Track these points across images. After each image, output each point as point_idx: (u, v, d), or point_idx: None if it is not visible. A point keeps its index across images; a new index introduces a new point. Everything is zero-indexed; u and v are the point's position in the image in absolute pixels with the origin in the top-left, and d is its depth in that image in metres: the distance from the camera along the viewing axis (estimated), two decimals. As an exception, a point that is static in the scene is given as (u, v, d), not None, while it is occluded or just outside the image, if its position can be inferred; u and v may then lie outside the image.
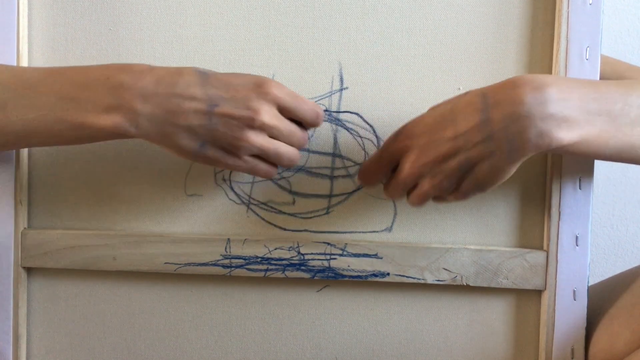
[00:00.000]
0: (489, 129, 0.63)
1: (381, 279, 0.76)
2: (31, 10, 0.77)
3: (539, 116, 0.62)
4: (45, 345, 0.80)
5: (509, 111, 0.63)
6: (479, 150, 0.64)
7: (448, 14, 0.75)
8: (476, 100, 0.64)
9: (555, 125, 0.63)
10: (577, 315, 0.74)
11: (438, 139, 0.65)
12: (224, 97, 0.66)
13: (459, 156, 0.65)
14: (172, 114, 0.66)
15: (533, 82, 0.63)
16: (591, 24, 0.73)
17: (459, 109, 0.65)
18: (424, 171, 0.66)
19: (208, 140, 0.66)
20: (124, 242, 0.77)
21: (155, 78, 0.66)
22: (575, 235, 0.74)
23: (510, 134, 0.63)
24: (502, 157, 0.64)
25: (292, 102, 0.68)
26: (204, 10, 0.76)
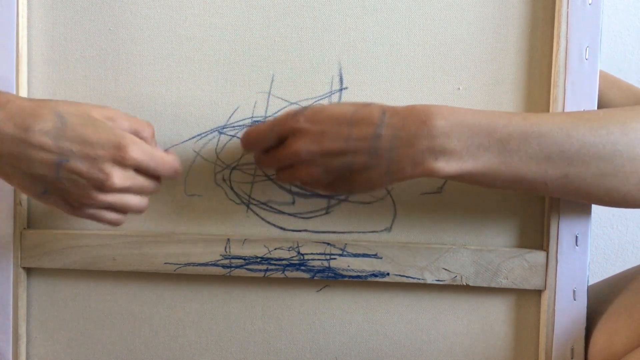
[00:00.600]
0: (377, 144, 0.65)
1: (381, 279, 0.76)
2: (30, 10, 0.77)
3: (419, 147, 0.64)
4: (44, 345, 0.80)
5: (396, 135, 0.65)
6: (362, 159, 0.65)
7: (448, 14, 0.75)
8: (376, 114, 0.66)
9: (432, 157, 0.65)
10: (577, 315, 0.74)
11: (333, 134, 0.66)
12: (76, 153, 0.63)
13: (344, 157, 0.66)
14: (18, 159, 0.63)
15: (423, 114, 0.65)
16: (591, 23, 0.73)
17: (360, 116, 0.66)
18: (308, 157, 0.67)
19: (52, 189, 0.65)
20: (124, 243, 0.77)
21: (10, 114, 0.63)
22: (575, 235, 0.74)
23: (392, 156, 0.65)
24: (379, 173, 0.66)
25: (150, 164, 0.67)
26: (203, 10, 0.76)
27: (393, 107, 0.67)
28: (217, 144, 0.77)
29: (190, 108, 0.77)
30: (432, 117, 0.65)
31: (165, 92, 0.77)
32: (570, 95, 0.73)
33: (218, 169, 0.77)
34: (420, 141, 0.64)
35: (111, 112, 0.67)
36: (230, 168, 0.77)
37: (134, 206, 0.68)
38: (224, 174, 0.77)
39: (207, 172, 0.77)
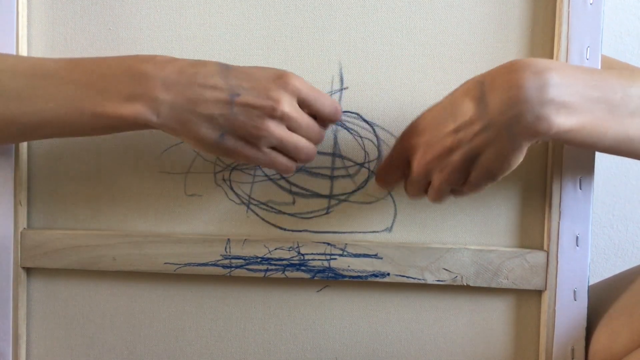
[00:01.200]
0: (487, 117, 0.63)
1: (381, 279, 0.76)
2: (30, 9, 0.77)
3: (537, 101, 0.61)
4: (44, 345, 0.80)
5: (506, 96, 0.62)
6: (480, 139, 0.63)
7: (448, 14, 0.75)
8: (473, 88, 0.64)
9: (554, 110, 0.61)
10: (578, 316, 0.74)
11: (440, 134, 0.65)
12: (245, 87, 0.66)
13: (462, 148, 0.64)
14: (194, 102, 0.66)
15: (533, 66, 0.62)
16: (592, 23, 0.72)
17: (457, 100, 0.65)
18: (431, 167, 0.66)
19: (228, 130, 0.66)
20: (124, 242, 0.77)
21: (177, 68, 0.66)
22: (576, 235, 0.74)
23: (508, 120, 0.62)
24: (503, 143, 0.63)
25: (312, 95, 0.68)
26: (203, 10, 0.76)
27: (490, 71, 0.65)
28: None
29: (191, 108, 0.77)
30: (546, 69, 0.62)
31: (166, 92, 0.77)
32: (571, 95, 0.73)
33: (218, 169, 0.77)
34: (538, 94, 0.61)
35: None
36: (230, 168, 0.77)
37: (303, 147, 0.69)
38: (224, 174, 0.77)
39: (207, 172, 0.77)
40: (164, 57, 0.67)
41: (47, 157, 0.78)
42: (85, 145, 0.77)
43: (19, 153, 0.76)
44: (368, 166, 0.76)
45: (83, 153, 0.78)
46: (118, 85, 0.66)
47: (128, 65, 0.67)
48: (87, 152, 0.77)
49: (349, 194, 0.77)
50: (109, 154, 0.77)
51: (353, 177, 0.77)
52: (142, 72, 0.66)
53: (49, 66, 0.68)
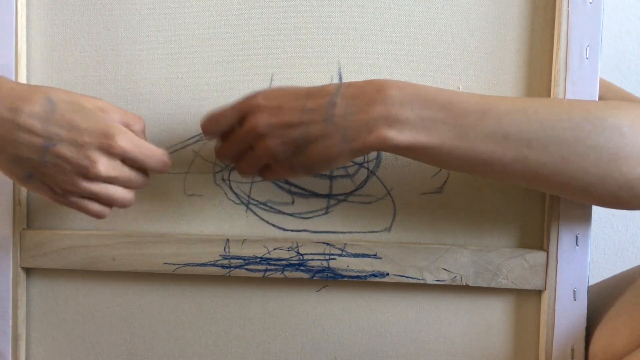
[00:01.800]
0: (331, 112, 0.66)
1: (380, 279, 0.76)
2: (29, 9, 0.77)
3: (373, 113, 0.65)
4: (44, 345, 0.80)
5: (351, 103, 0.65)
6: (318, 129, 0.66)
7: (447, 13, 0.75)
8: (332, 86, 0.67)
9: (386, 125, 0.65)
10: (577, 315, 0.74)
11: (289, 107, 0.67)
12: (63, 138, 0.64)
13: (300, 128, 0.66)
14: (4, 140, 0.63)
15: (378, 84, 0.66)
16: (591, 23, 0.72)
17: (316, 90, 0.67)
18: (266, 131, 0.67)
19: (36, 174, 0.65)
20: (123, 243, 0.77)
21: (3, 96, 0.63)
22: (576, 235, 0.74)
23: (347, 123, 0.65)
24: (335, 142, 0.66)
25: (137, 155, 0.67)
26: (202, 10, 0.76)
27: (350, 81, 0.68)
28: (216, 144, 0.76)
29: (190, 108, 0.77)
30: (386, 87, 0.65)
31: (165, 92, 0.77)
32: (571, 94, 0.73)
33: (217, 169, 0.77)
34: (374, 108, 0.65)
35: (103, 103, 0.67)
36: (229, 168, 0.77)
37: (118, 198, 0.68)
38: (224, 173, 0.77)
39: (206, 172, 0.77)
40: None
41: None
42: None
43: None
44: (367, 166, 0.76)
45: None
46: None
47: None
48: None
49: (348, 194, 0.77)
50: (108, 154, 0.77)
51: (352, 177, 0.76)
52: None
53: None
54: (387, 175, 0.76)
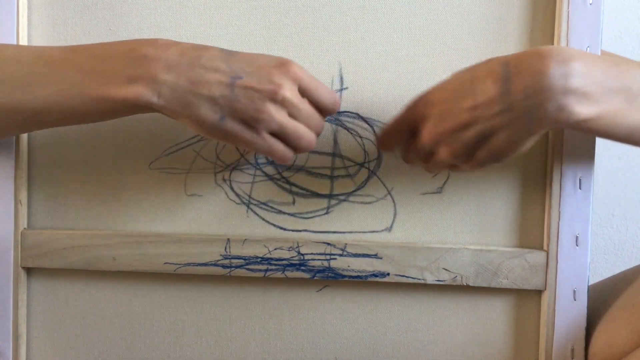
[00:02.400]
0: (509, 100, 0.62)
1: (381, 279, 0.76)
2: (31, 9, 0.77)
3: (560, 90, 0.61)
4: (45, 345, 0.80)
5: (531, 83, 0.62)
6: (497, 121, 0.63)
7: (448, 14, 0.75)
8: (497, 69, 0.64)
9: (575, 100, 0.62)
10: (577, 315, 0.74)
11: (456, 108, 0.65)
12: (247, 71, 0.66)
13: (476, 126, 0.64)
14: (195, 83, 0.65)
15: (558, 54, 0.62)
16: (591, 23, 0.72)
17: (479, 78, 0.64)
18: (442, 139, 0.66)
19: (229, 112, 0.66)
20: (124, 242, 0.77)
21: (179, 50, 0.66)
22: (575, 235, 0.74)
23: (530, 106, 0.62)
24: (519, 128, 0.63)
25: (313, 84, 0.68)
26: (203, 10, 0.76)
27: (514, 54, 0.65)
28: (217, 144, 0.77)
29: (191, 108, 0.77)
30: (571, 58, 0.62)
31: (166, 92, 0.77)
32: (571, 95, 0.73)
33: (218, 169, 0.77)
34: (560, 82, 0.61)
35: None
36: (230, 168, 0.77)
37: (303, 135, 0.68)
38: (224, 174, 0.77)
39: (207, 172, 0.77)
40: (166, 40, 0.67)
41: (48, 157, 0.78)
42: (86, 145, 0.77)
43: (20, 153, 0.76)
44: (368, 166, 0.76)
45: (83, 153, 0.78)
46: (119, 68, 0.66)
47: (129, 48, 0.66)
48: (88, 152, 0.78)
49: (349, 193, 0.77)
50: (109, 154, 0.77)
51: (353, 177, 0.77)
52: (144, 54, 0.66)
53: (51, 53, 0.68)
54: (388, 175, 0.77)
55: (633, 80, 0.64)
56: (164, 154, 0.77)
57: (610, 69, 0.63)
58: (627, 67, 0.64)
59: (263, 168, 0.77)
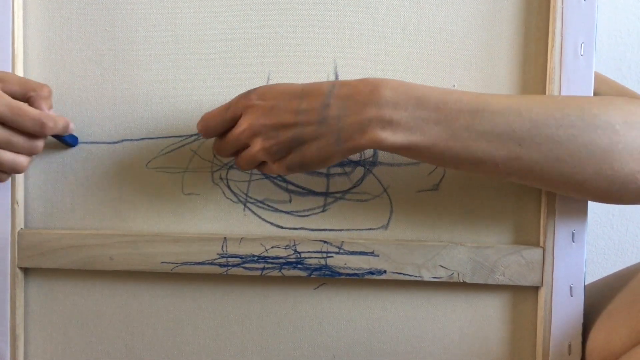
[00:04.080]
0: (325, 113, 0.66)
1: (378, 276, 0.76)
2: (26, 10, 0.77)
3: (366, 115, 0.65)
4: (42, 345, 0.80)
5: (345, 104, 0.66)
6: (312, 130, 0.66)
7: (442, 11, 0.75)
8: (326, 86, 0.67)
9: (379, 126, 0.65)
10: (574, 312, 0.74)
11: (283, 108, 0.67)
12: None
13: (295, 129, 0.67)
14: None
15: (371, 84, 0.66)
16: (586, 20, 0.73)
17: (309, 90, 0.67)
18: (260, 131, 0.68)
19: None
20: (121, 242, 0.77)
21: None
22: (572, 231, 0.74)
23: (341, 124, 0.65)
24: (329, 143, 0.66)
25: (9, 116, 0.69)
26: (199, 10, 0.77)
27: (344, 80, 0.68)
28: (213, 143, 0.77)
29: (187, 107, 0.77)
30: (380, 87, 0.65)
31: (162, 92, 0.77)
32: (566, 91, 0.73)
33: (215, 168, 0.77)
34: (368, 109, 0.65)
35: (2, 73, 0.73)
36: (227, 167, 0.77)
37: (7, 161, 0.71)
38: (221, 172, 0.77)
39: (204, 170, 0.77)
40: None
41: (43, 158, 0.78)
42: (81, 146, 0.77)
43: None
44: (364, 164, 0.76)
45: (79, 153, 0.78)
46: None
47: None
48: (84, 152, 0.78)
49: (345, 191, 0.77)
50: (106, 154, 0.78)
51: (349, 175, 0.77)
52: None
53: None
54: (384, 173, 0.77)
55: (458, 113, 0.65)
56: (160, 153, 0.77)
57: (426, 101, 0.65)
58: (456, 101, 0.66)
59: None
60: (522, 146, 0.65)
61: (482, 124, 0.65)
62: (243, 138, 0.69)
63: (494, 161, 0.66)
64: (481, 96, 0.67)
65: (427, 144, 0.66)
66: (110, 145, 0.78)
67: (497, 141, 0.65)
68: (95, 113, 0.78)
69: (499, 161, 0.66)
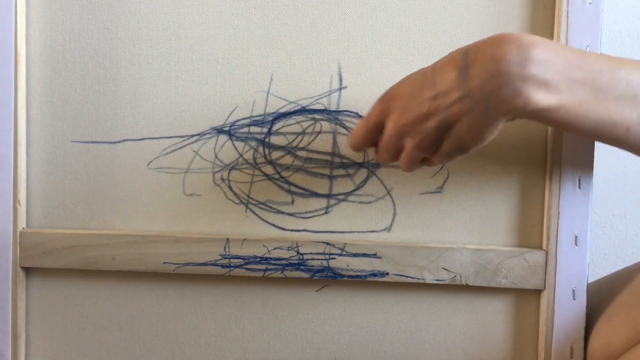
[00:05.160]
0: (467, 86, 0.62)
1: (380, 278, 0.76)
2: (29, 10, 0.77)
3: (518, 75, 0.60)
4: (43, 345, 0.80)
5: (488, 68, 0.61)
6: (457, 108, 0.62)
7: (447, 13, 0.75)
8: (457, 57, 0.63)
9: (533, 87, 0.61)
10: (576, 315, 0.74)
11: (418, 99, 0.64)
12: None
13: (438, 115, 0.63)
14: None
15: (517, 40, 0.61)
16: (591, 23, 0.72)
17: (439, 68, 0.64)
18: (405, 131, 0.65)
19: None
20: (123, 242, 0.77)
21: None
22: (575, 234, 0.74)
23: (487, 92, 0.61)
24: (479, 115, 0.62)
25: None
26: (202, 9, 0.76)
27: (476, 42, 0.63)
28: (215, 144, 0.77)
29: (189, 107, 0.77)
30: (530, 44, 0.61)
31: (164, 92, 0.77)
32: (570, 94, 0.73)
33: (217, 169, 0.77)
34: (519, 68, 0.60)
35: None
36: (229, 168, 0.77)
37: None
38: (223, 173, 0.77)
39: (205, 171, 0.77)
40: None
41: (46, 157, 0.78)
42: (83, 145, 0.77)
43: (18, 152, 0.76)
44: (367, 166, 0.76)
45: (81, 153, 0.78)
46: None
47: None
48: (86, 152, 0.78)
49: (348, 193, 0.77)
50: (107, 154, 0.77)
51: (352, 177, 0.77)
52: None
53: None
54: (387, 175, 0.76)
55: (599, 73, 0.62)
56: (162, 153, 0.77)
57: (575, 59, 0.62)
58: (595, 60, 0.63)
59: (262, 167, 0.77)
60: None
61: (620, 84, 0.62)
62: (393, 143, 0.67)
63: (626, 124, 0.63)
64: (614, 58, 0.64)
65: (574, 105, 0.62)
66: (111, 145, 0.78)
67: (632, 102, 0.63)
68: (96, 112, 0.78)
69: (630, 124, 0.63)
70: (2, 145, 0.76)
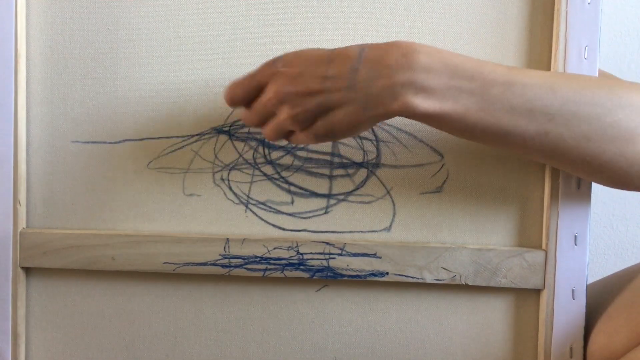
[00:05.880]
0: (353, 78, 0.64)
1: (380, 278, 0.76)
2: (29, 9, 0.77)
3: (398, 80, 0.63)
4: (44, 345, 0.80)
5: (373, 69, 0.64)
6: (340, 95, 0.65)
7: (447, 13, 0.75)
8: (354, 50, 0.65)
9: (412, 92, 0.63)
10: (576, 315, 0.74)
11: (310, 74, 0.65)
12: None
13: (322, 95, 0.65)
14: None
15: (405, 48, 0.64)
16: (590, 23, 0.72)
17: (337, 54, 0.66)
18: (286, 99, 0.66)
19: None
20: (123, 242, 0.77)
21: None
22: (574, 234, 0.74)
23: (370, 90, 0.64)
24: (357, 109, 0.64)
25: None
26: (202, 9, 0.76)
27: (374, 43, 0.66)
28: (215, 144, 0.77)
29: (189, 107, 0.77)
30: (414, 51, 0.64)
31: (164, 92, 0.77)
32: (569, 94, 0.73)
33: (217, 169, 0.77)
34: (400, 74, 0.63)
35: None
36: (228, 168, 0.77)
37: None
38: (223, 173, 0.77)
39: (205, 171, 0.77)
40: None
41: (46, 157, 0.78)
42: (83, 145, 0.77)
43: (18, 153, 0.76)
44: (367, 166, 0.76)
45: (81, 153, 0.78)
46: None
47: None
48: (86, 152, 0.78)
49: (348, 193, 0.77)
50: (107, 154, 0.78)
51: (352, 177, 0.77)
52: None
53: None
54: (387, 175, 0.77)
55: (492, 84, 0.64)
56: (162, 153, 0.77)
57: (466, 70, 0.64)
58: (490, 71, 0.64)
59: (261, 168, 0.77)
60: (551, 122, 0.64)
61: (515, 97, 0.64)
62: (269, 106, 0.67)
63: (523, 136, 0.65)
64: (514, 69, 0.65)
65: (459, 113, 0.64)
66: (111, 145, 0.78)
67: (528, 115, 0.64)
68: (96, 112, 0.78)
69: (528, 136, 0.65)
70: (2, 146, 0.76)
